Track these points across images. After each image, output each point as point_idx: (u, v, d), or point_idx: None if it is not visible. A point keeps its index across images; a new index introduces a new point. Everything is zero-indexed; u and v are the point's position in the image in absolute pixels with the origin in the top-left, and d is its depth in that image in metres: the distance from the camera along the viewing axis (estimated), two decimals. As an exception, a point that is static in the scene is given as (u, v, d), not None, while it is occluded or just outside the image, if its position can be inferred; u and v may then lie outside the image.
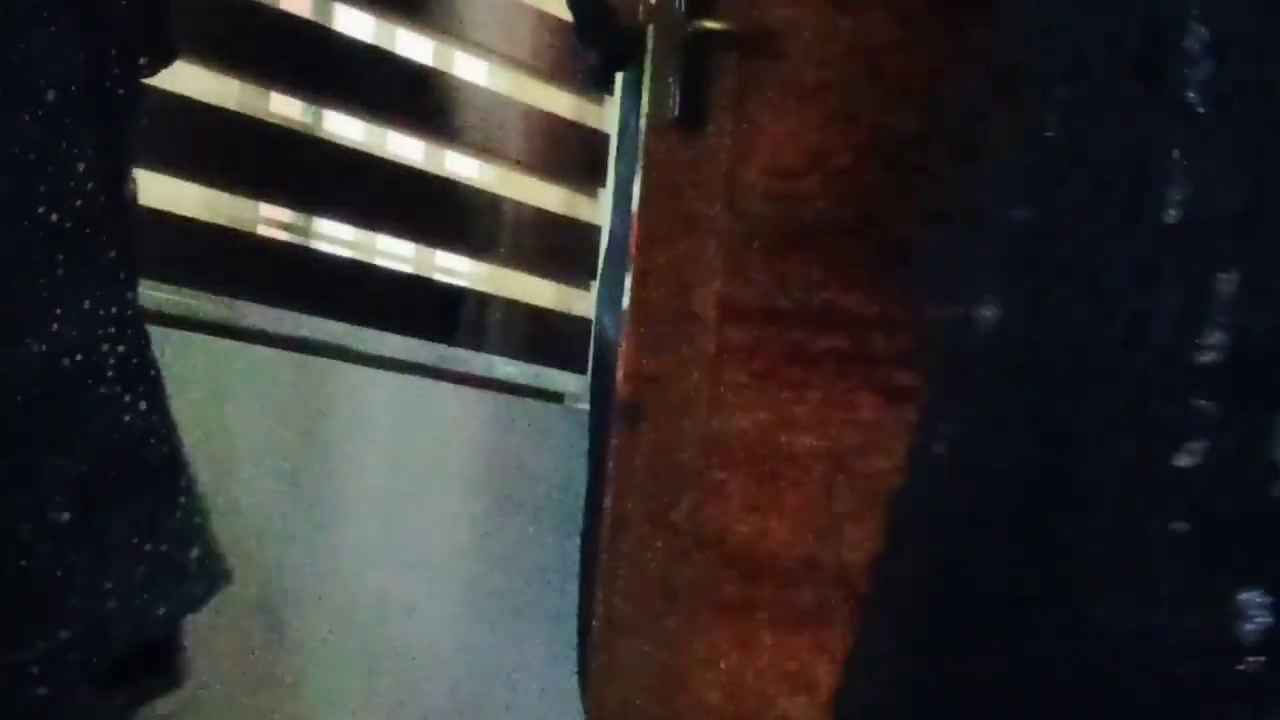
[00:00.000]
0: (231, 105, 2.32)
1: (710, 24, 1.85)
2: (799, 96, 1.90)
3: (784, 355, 1.92)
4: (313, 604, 2.31)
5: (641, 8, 1.87)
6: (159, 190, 2.23)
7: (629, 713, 1.96)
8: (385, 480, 2.42)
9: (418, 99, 2.53)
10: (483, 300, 2.72)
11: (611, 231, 2.34)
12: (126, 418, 1.52)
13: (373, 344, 2.41)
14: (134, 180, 1.65)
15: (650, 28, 1.87)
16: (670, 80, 1.86)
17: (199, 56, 2.23)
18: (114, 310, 1.52)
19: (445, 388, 2.52)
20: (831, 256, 1.92)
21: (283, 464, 2.28)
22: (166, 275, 2.15)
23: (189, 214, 2.25)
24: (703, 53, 1.86)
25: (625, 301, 1.92)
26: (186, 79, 2.23)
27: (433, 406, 2.50)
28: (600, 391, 2.33)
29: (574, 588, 2.32)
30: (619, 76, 2.31)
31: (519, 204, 2.70)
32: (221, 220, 2.33)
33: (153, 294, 2.11)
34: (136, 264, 1.59)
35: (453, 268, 2.75)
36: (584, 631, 2.32)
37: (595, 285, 2.48)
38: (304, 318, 2.33)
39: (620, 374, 1.94)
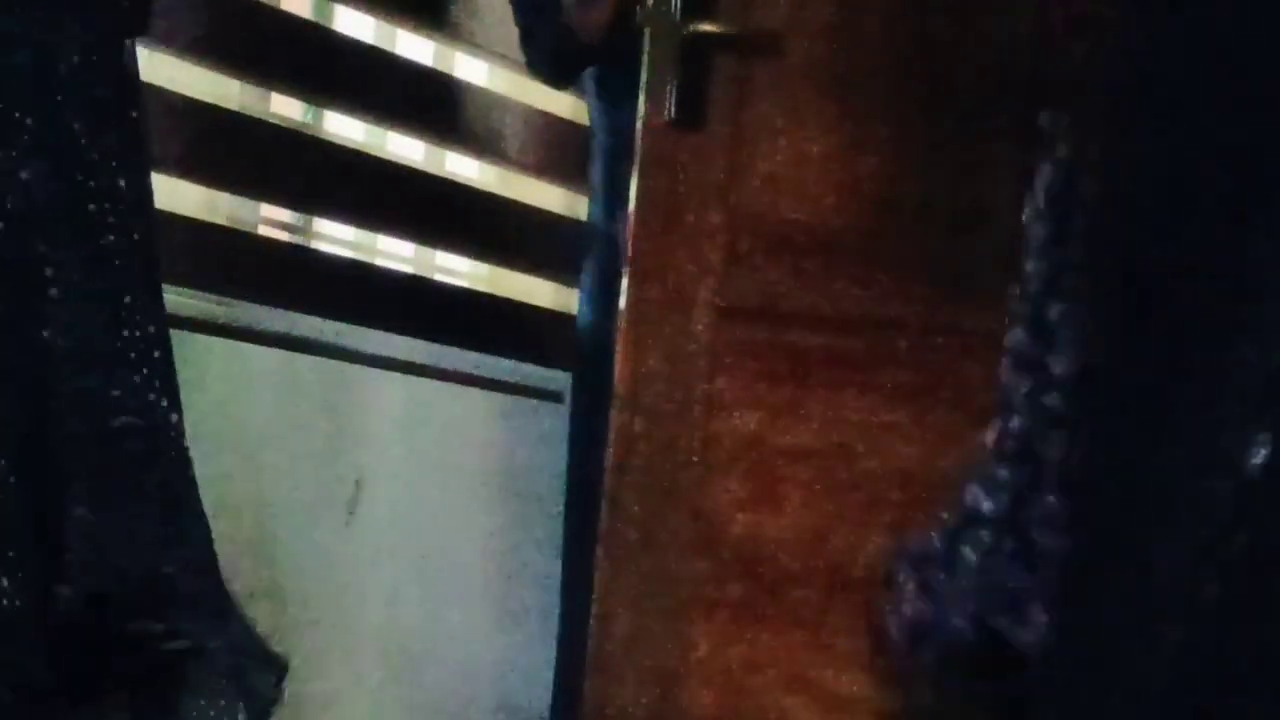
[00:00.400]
0: (232, 105, 2.34)
1: (707, 26, 1.88)
2: (796, 98, 1.92)
3: (781, 355, 1.94)
4: (321, 599, 2.34)
5: (638, 10, 1.89)
6: (159, 190, 2.24)
7: (628, 710, 1.98)
8: (387, 479, 2.44)
9: (418, 99, 2.56)
10: (483, 300, 2.74)
11: (593, 227, 2.37)
12: (128, 403, 1.52)
13: (373, 344, 2.44)
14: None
15: (647, 30, 1.89)
16: (667, 82, 1.88)
17: (199, 56, 2.24)
18: (117, 297, 1.53)
19: (446, 387, 2.54)
20: (829, 258, 1.94)
21: (285, 464, 2.30)
22: (167, 275, 2.16)
23: (189, 214, 2.26)
24: (700, 55, 1.88)
25: (622, 301, 1.94)
26: (187, 79, 2.25)
27: (433, 406, 2.52)
28: (585, 387, 2.36)
29: (573, 586, 2.35)
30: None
31: (519, 204, 2.72)
32: (221, 220, 2.34)
33: None
34: (150, 254, 1.60)
35: (453, 268, 2.78)
36: (566, 626, 2.34)
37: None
38: (304, 318, 2.35)
39: (618, 373, 1.96)
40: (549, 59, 2.32)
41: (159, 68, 2.24)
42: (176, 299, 2.14)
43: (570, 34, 2.24)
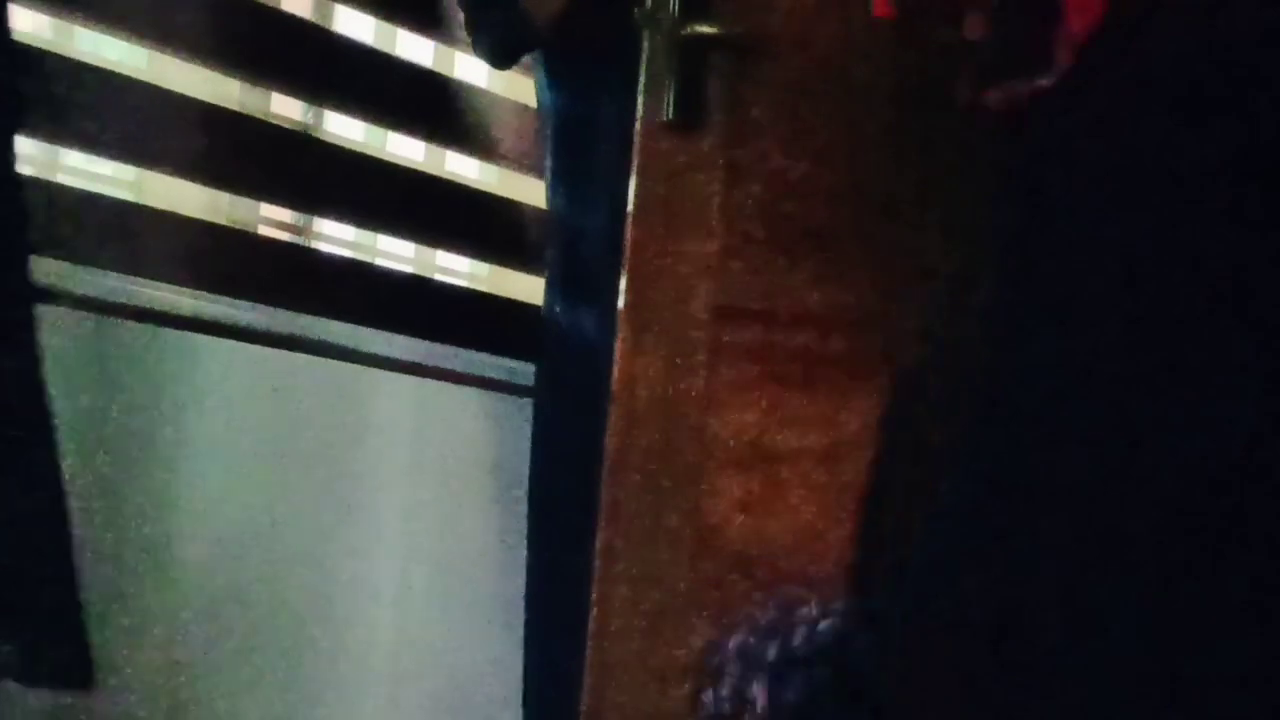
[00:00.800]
0: (232, 105, 2.36)
1: (704, 28, 1.87)
2: (795, 98, 1.92)
3: (780, 356, 1.94)
4: (328, 598, 2.37)
5: (636, 11, 1.89)
6: (160, 189, 2.28)
7: (624, 711, 1.97)
8: (387, 479, 2.46)
9: (418, 99, 2.56)
10: (483, 300, 2.74)
11: (551, 215, 2.35)
12: None
13: (373, 344, 2.44)
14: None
15: (645, 31, 1.88)
16: (665, 83, 1.88)
17: (200, 56, 2.26)
18: None
19: (447, 388, 2.55)
20: (827, 257, 1.94)
21: (287, 465, 2.31)
22: (167, 275, 2.20)
23: (190, 214, 2.28)
24: (698, 56, 1.88)
25: (620, 301, 1.94)
26: (187, 79, 2.27)
27: (432, 406, 2.53)
28: (549, 378, 2.36)
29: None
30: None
31: (518, 204, 2.73)
32: (222, 220, 2.36)
33: (154, 294, 2.17)
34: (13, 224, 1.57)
35: (453, 268, 2.78)
36: (535, 628, 2.35)
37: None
38: (304, 318, 2.36)
39: (616, 373, 1.95)
40: (497, 44, 2.31)
41: (159, 67, 2.28)
42: (176, 299, 2.19)
43: (521, 20, 2.23)
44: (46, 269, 2.03)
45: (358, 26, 2.53)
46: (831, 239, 1.94)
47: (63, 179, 2.33)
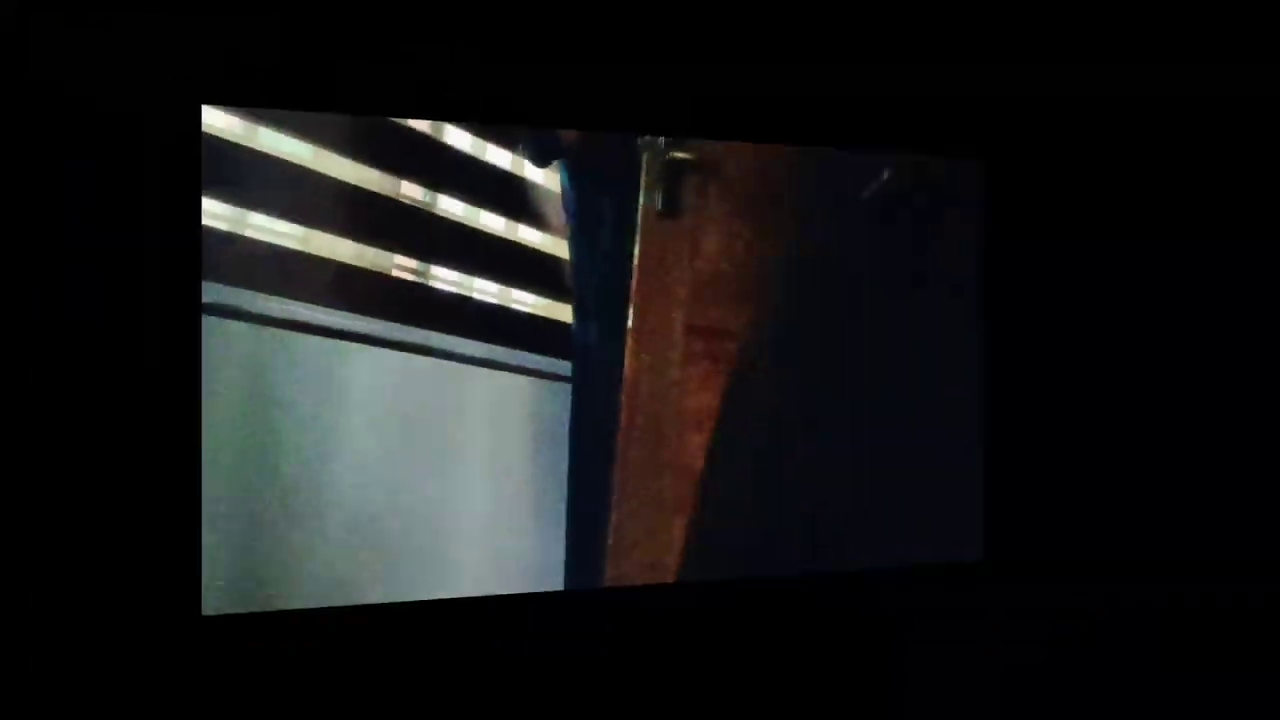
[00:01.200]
0: (372, 187, 2.78)
1: (679, 154, 2.45)
2: (733, 196, 2.49)
3: (727, 359, 2.54)
4: (420, 534, 2.68)
5: (639, 141, 2.46)
6: (322, 243, 2.74)
7: (632, 580, 2.55)
8: (473, 445, 2.77)
9: (501, 188, 2.93)
10: (546, 322, 3.02)
11: (578, 269, 2.69)
12: None
13: (472, 350, 2.81)
14: None
15: (644, 154, 2.47)
16: (656, 187, 2.45)
17: (352, 153, 2.74)
18: None
19: (516, 378, 2.87)
20: (750, 299, 2.50)
21: (401, 437, 2.65)
22: (326, 300, 2.63)
23: (344, 260, 2.74)
24: (677, 171, 2.42)
25: (629, 324, 2.54)
26: (341, 167, 2.72)
27: (508, 391, 2.83)
28: (579, 374, 2.70)
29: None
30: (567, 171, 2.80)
31: (566, 261, 2.98)
32: (366, 264, 2.79)
33: (319, 317, 2.63)
34: None
35: (524, 300, 3.07)
36: (571, 525, 2.69)
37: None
38: (421, 331, 2.76)
39: (626, 368, 2.54)
40: (537, 151, 2.73)
41: (320, 159, 2.72)
42: (330, 318, 2.63)
43: (552, 136, 2.66)
44: (239, 297, 2.48)
45: (460, 138, 2.93)
46: (754, 286, 2.48)
47: (249, 233, 2.66)
